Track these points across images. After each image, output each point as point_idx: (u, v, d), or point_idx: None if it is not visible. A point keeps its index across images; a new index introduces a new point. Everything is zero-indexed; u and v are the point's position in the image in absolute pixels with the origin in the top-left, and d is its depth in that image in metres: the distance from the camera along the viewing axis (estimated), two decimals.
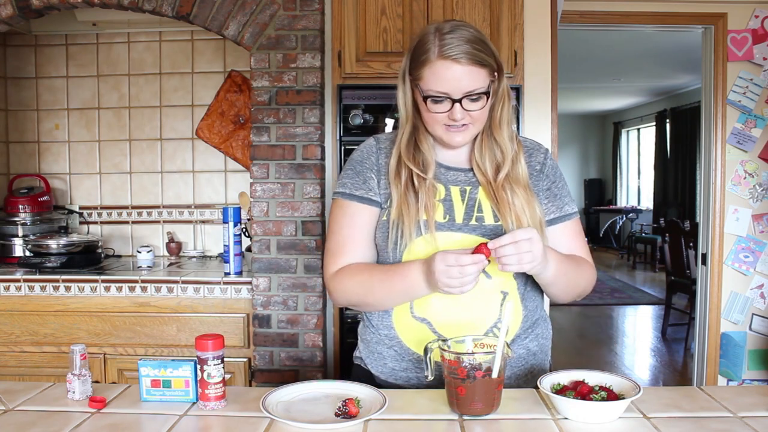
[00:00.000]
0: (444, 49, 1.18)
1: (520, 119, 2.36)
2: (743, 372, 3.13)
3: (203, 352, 1.13)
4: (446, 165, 1.32)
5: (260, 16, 2.35)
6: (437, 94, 1.20)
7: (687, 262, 4.81)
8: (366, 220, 1.31)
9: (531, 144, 1.38)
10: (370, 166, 1.33)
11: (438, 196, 1.28)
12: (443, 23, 1.23)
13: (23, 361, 2.44)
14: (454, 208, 1.27)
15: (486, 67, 1.21)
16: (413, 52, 1.24)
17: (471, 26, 1.23)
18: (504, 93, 1.28)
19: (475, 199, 1.28)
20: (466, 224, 1.25)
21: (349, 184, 1.32)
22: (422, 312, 1.26)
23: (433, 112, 1.23)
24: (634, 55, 6.47)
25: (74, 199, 3.08)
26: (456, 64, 1.18)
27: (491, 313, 1.25)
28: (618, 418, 1.07)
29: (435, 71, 1.19)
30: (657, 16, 3.11)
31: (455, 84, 1.19)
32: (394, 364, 1.29)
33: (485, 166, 1.29)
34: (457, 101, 1.20)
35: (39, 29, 3.00)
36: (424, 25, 2.29)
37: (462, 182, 1.30)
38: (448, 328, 1.23)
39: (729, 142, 3.11)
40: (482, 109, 1.23)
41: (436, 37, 1.19)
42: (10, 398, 1.20)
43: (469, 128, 1.24)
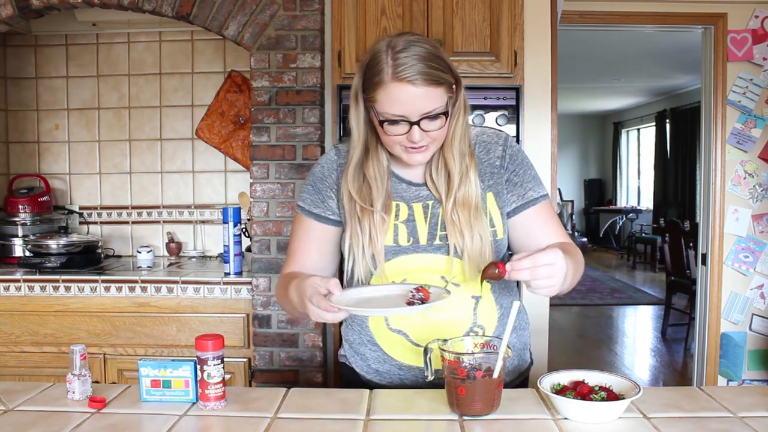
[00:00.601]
0: (398, 70, 1.12)
1: (520, 119, 2.36)
2: (743, 372, 3.13)
3: (203, 352, 1.13)
4: (408, 180, 1.30)
5: (260, 16, 2.35)
6: (393, 117, 1.16)
7: (687, 262, 4.81)
8: (322, 236, 1.32)
9: (489, 137, 1.32)
10: (330, 184, 1.31)
11: (401, 217, 1.26)
12: (396, 38, 1.17)
13: (23, 361, 2.44)
14: (417, 229, 1.26)
15: (443, 85, 1.16)
16: (365, 72, 1.18)
17: (425, 41, 1.18)
18: (461, 106, 1.24)
19: (437, 216, 1.26)
20: (430, 245, 1.25)
21: (308, 200, 1.33)
22: (397, 324, 1.27)
23: (391, 135, 1.18)
24: (634, 55, 6.47)
25: (74, 199, 3.08)
26: (411, 86, 1.12)
27: (465, 319, 1.26)
28: (618, 418, 1.07)
29: (389, 94, 1.14)
30: (657, 16, 3.11)
31: (411, 106, 1.14)
32: (378, 365, 1.30)
33: (439, 182, 1.26)
34: (415, 123, 1.15)
35: (39, 29, 3.00)
36: (424, 24, 2.29)
37: (424, 197, 1.28)
38: (425, 337, 1.25)
39: (729, 142, 3.11)
40: (442, 128, 1.19)
41: (388, 56, 1.14)
42: (10, 398, 1.20)
43: (429, 147, 1.21)
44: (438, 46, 1.21)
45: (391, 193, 1.28)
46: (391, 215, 1.26)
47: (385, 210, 1.25)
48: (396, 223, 1.26)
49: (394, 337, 1.28)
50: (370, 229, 1.23)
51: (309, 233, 1.33)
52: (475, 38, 2.30)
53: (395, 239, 1.25)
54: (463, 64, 2.30)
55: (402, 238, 1.25)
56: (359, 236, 1.24)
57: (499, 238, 1.27)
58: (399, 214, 1.26)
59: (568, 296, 6.99)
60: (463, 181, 1.24)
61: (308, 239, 1.33)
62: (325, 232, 1.32)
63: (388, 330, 1.28)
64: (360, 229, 1.24)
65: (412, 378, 1.29)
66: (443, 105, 1.17)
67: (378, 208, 1.24)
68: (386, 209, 1.25)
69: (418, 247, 1.25)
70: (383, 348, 1.30)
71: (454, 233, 1.22)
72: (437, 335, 1.23)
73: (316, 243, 1.32)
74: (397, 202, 1.28)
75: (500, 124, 2.33)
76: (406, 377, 1.29)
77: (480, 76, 2.32)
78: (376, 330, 1.30)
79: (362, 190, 1.25)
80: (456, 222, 1.22)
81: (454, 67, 1.21)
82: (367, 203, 1.24)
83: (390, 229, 1.25)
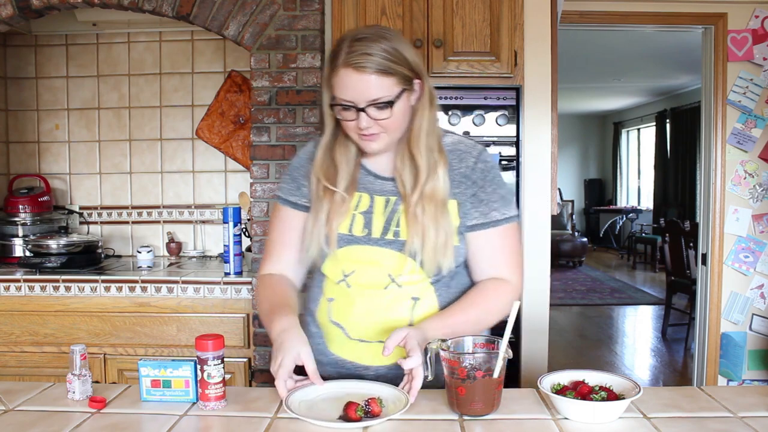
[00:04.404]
0: (349, 56, 1.16)
1: (520, 119, 2.36)
2: (743, 372, 3.13)
3: (203, 352, 1.13)
4: (375, 173, 1.32)
5: (260, 16, 2.35)
6: (343, 102, 1.19)
7: (687, 262, 4.81)
8: (298, 224, 1.35)
9: (465, 147, 1.31)
10: (304, 173, 1.35)
11: (361, 207, 1.29)
12: (362, 29, 1.23)
13: (23, 361, 2.44)
14: (373, 221, 1.28)
15: (394, 76, 1.18)
16: (329, 59, 1.22)
17: (389, 33, 1.21)
18: (426, 101, 1.25)
19: (396, 212, 1.28)
20: (382, 238, 1.27)
21: (285, 189, 1.37)
22: (337, 317, 1.31)
23: (343, 120, 1.23)
24: (634, 55, 6.47)
25: (74, 199, 3.08)
26: (359, 72, 1.16)
27: (401, 318, 1.28)
28: (618, 418, 1.07)
29: (340, 79, 1.18)
30: (657, 16, 3.11)
31: (358, 92, 1.17)
32: (320, 357, 1.32)
33: (405, 177, 1.27)
34: (362, 110, 1.18)
35: (39, 29, 3.00)
36: (424, 25, 2.29)
37: (388, 192, 1.30)
38: (361, 332, 1.28)
39: (729, 143, 3.11)
40: (391, 118, 1.20)
41: (348, 43, 1.18)
42: (10, 398, 1.20)
43: (381, 136, 1.22)
44: (403, 41, 1.23)
45: (356, 180, 1.31)
46: (351, 204, 1.28)
47: (348, 192, 1.28)
48: (354, 212, 1.28)
49: (333, 329, 1.31)
50: (329, 208, 1.27)
51: (285, 223, 1.36)
52: (475, 38, 2.30)
53: (350, 228, 1.28)
54: (463, 64, 2.31)
55: (357, 227, 1.28)
56: (318, 214, 1.28)
57: (456, 245, 1.28)
58: (359, 205, 1.29)
59: (568, 296, 6.99)
60: (431, 176, 1.25)
61: (285, 228, 1.36)
62: (300, 219, 1.34)
63: (329, 322, 1.32)
64: (320, 207, 1.28)
65: (346, 373, 1.31)
66: (392, 95, 1.19)
67: (340, 188, 1.27)
68: (349, 192, 1.28)
69: (370, 239, 1.27)
70: (325, 339, 1.33)
71: (416, 229, 1.23)
72: (373, 332, 1.27)
73: (294, 232, 1.35)
74: (361, 192, 1.30)
75: (500, 124, 2.34)
76: (341, 371, 1.31)
77: (480, 76, 2.32)
78: (321, 319, 1.34)
79: (328, 172, 1.29)
80: (419, 216, 1.23)
81: (418, 64, 1.23)
82: (331, 183, 1.28)
83: (348, 216, 1.28)
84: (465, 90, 2.34)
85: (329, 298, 1.33)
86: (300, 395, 1.16)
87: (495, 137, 2.35)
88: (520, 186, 2.39)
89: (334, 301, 1.32)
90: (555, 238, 8.20)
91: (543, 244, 2.46)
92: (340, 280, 1.30)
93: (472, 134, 2.34)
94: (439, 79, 2.32)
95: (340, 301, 1.31)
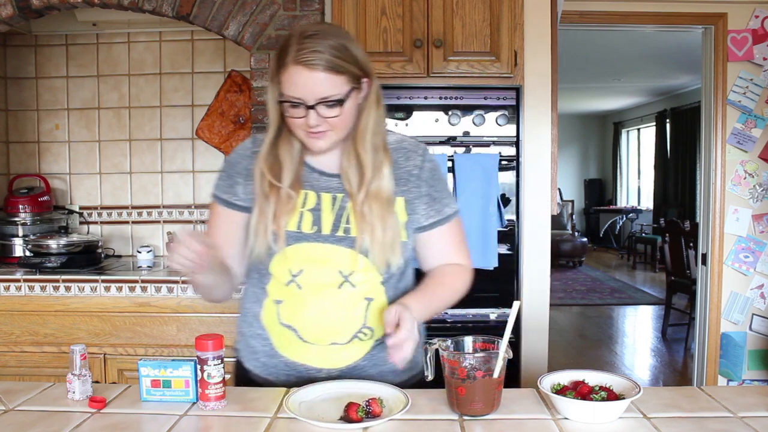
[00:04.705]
0: (299, 54, 1.16)
1: (520, 119, 2.36)
2: (743, 372, 3.13)
3: (203, 352, 1.13)
4: (320, 170, 1.31)
5: (260, 16, 2.35)
6: (292, 99, 1.19)
7: (687, 262, 4.81)
8: (231, 222, 1.34)
9: (410, 145, 1.35)
10: (240, 170, 1.33)
11: (308, 204, 1.28)
12: (310, 25, 1.23)
13: (23, 361, 2.44)
14: (322, 218, 1.27)
15: (344, 74, 1.18)
16: (277, 55, 1.22)
17: (337, 31, 1.22)
18: (373, 100, 1.27)
19: (345, 209, 1.28)
20: (332, 235, 1.27)
21: (219, 186, 1.36)
22: (288, 319, 1.29)
23: (291, 117, 1.22)
24: (634, 55, 6.47)
25: (74, 199, 3.08)
26: (309, 70, 1.16)
27: (356, 319, 1.28)
28: (618, 418, 1.07)
29: (290, 76, 1.17)
30: (657, 16, 3.11)
31: (308, 90, 1.17)
32: (266, 359, 1.32)
33: (350, 175, 1.27)
34: (311, 107, 1.18)
35: (39, 29, 3.00)
36: (424, 25, 2.29)
37: (334, 189, 1.30)
38: (314, 334, 1.27)
39: (729, 143, 3.11)
40: (340, 116, 1.21)
41: (297, 40, 1.18)
42: (10, 398, 1.20)
43: (328, 134, 1.23)
44: (352, 39, 1.24)
45: (300, 177, 1.30)
46: (298, 202, 1.28)
47: (293, 188, 1.27)
48: (302, 210, 1.28)
49: (284, 331, 1.29)
50: (275, 205, 1.26)
51: (218, 220, 1.35)
52: (475, 38, 2.30)
53: (299, 225, 1.27)
54: (463, 64, 2.30)
55: (305, 224, 1.27)
56: (264, 212, 1.27)
57: (404, 240, 1.30)
58: (306, 202, 1.29)
59: (568, 296, 6.99)
60: (377, 175, 1.26)
61: (220, 225, 1.35)
62: (233, 218, 1.33)
63: (279, 324, 1.30)
64: (266, 204, 1.27)
65: (297, 375, 1.30)
66: (342, 93, 1.19)
67: (285, 185, 1.26)
68: (294, 189, 1.27)
69: (320, 236, 1.27)
70: (273, 342, 1.32)
71: (364, 225, 1.24)
72: (327, 334, 1.27)
73: (225, 229, 1.34)
74: (306, 190, 1.30)
75: (500, 124, 2.33)
76: (292, 374, 1.31)
77: (480, 76, 2.32)
78: (267, 323, 1.32)
79: (273, 168, 1.28)
80: (367, 214, 1.24)
81: (366, 63, 1.24)
82: (276, 180, 1.27)
83: (295, 214, 1.27)
84: (465, 90, 2.34)
85: (277, 300, 1.30)
86: (300, 395, 1.16)
87: (495, 137, 2.35)
88: (520, 186, 2.39)
89: (283, 303, 1.30)
90: (555, 238, 8.19)
91: (543, 244, 2.46)
92: (289, 280, 1.28)
93: (472, 134, 2.35)
94: (439, 79, 2.32)
95: (290, 302, 1.29)
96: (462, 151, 2.34)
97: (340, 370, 1.29)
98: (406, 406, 1.09)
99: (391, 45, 2.31)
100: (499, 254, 2.31)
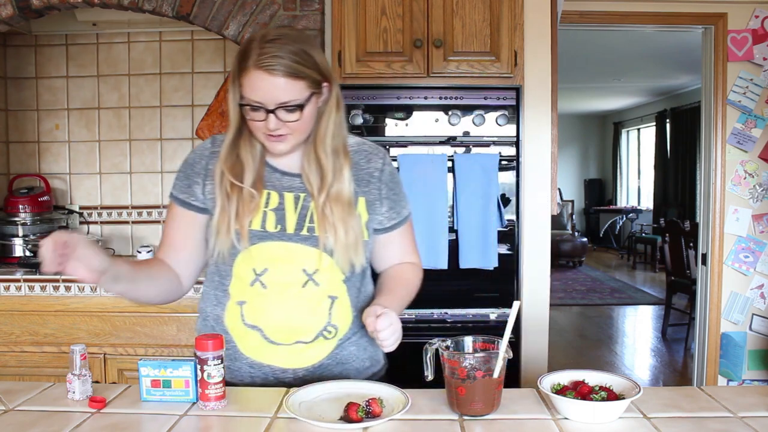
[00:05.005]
0: (260, 59, 1.16)
1: (520, 119, 2.36)
2: (743, 372, 3.13)
3: (203, 352, 1.13)
4: (281, 170, 1.32)
5: (260, 16, 2.35)
6: (252, 103, 1.20)
7: (687, 262, 4.81)
8: (187, 223, 1.33)
9: (370, 148, 1.37)
10: (198, 170, 1.33)
11: (271, 204, 1.29)
12: (272, 30, 1.23)
13: (23, 361, 2.44)
14: (286, 217, 1.28)
15: (304, 79, 1.19)
16: (238, 58, 1.22)
17: (298, 36, 1.23)
18: (333, 104, 1.28)
19: (308, 208, 1.29)
20: (297, 234, 1.27)
21: (177, 186, 1.36)
22: (252, 320, 1.29)
23: (251, 120, 1.23)
24: (634, 55, 6.47)
25: (74, 199, 3.08)
26: (269, 75, 1.17)
27: (320, 318, 1.29)
28: (618, 418, 1.07)
29: (250, 80, 1.18)
30: (657, 16, 3.11)
31: (269, 95, 1.18)
32: (229, 362, 1.31)
33: (311, 178, 1.29)
34: (271, 111, 1.19)
35: (39, 29, 3.00)
36: (424, 25, 2.29)
37: (297, 188, 1.31)
38: (279, 333, 1.28)
39: (729, 143, 3.11)
40: (300, 120, 1.22)
41: (258, 44, 1.18)
42: (10, 398, 1.20)
43: (288, 138, 1.24)
44: (313, 44, 1.26)
45: (263, 178, 1.31)
46: (261, 201, 1.28)
47: (255, 188, 1.28)
48: (265, 209, 1.28)
49: (248, 332, 1.30)
50: (237, 204, 1.26)
51: (175, 221, 1.35)
52: (475, 38, 2.30)
53: (263, 224, 1.28)
54: (463, 64, 2.31)
55: (270, 224, 1.28)
56: (227, 211, 1.27)
57: (365, 239, 1.32)
58: (269, 202, 1.29)
59: (568, 296, 6.99)
60: (337, 178, 1.28)
61: (174, 226, 1.35)
62: (191, 218, 1.33)
63: (243, 325, 1.30)
64: (228, 204, 1.27)
65: (263, 377, 1.31)
66: (302, 98, 1.20)
67: (247, 184, 1.26)
68: (256, 188, 1.28)
69: (284, 235, 1.27)
70: (236, 343, 1.32)
71: (326, 227, 1.26)
72: (292, 333, 1.27)
73: (182, 230, 1.34)
74: (268, 190, 1.30)
75: (500, 124, 2.34)
76: (257, 375, 1.31)
77: (480, 76, 2.32)
78: (231, 325, 1.32)
79: (234, 168, 1.28)
80: (328, 216, 1.26)
81: (327, 68, 1.26)
82: (237, 179, 1.27)
83: (259, 214, 1.28)
84: (465, 90, 2.34)
85: (240, 301, 1.30)
86: (300, 395, 1.16)
87: (495, 137, 2.35)
88: (520, 186, 2.39)
89: (246, 303, 1.30)
90: (555, 238, 8.20)
91: (543, 244, 2.46)
92: (253, 280, 1.28)
93: (472, 134, 2.35)
94: (439, 79, 2.32)
95: (254, 302, 1.29)
96: (462, 151, 2.34)
97: (305, 370, 1.30)
98: (406, 406, 1.09)
99: (391, 45, 2.31)
100: (499, 254, 2.31)
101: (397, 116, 2.34)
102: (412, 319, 2.35)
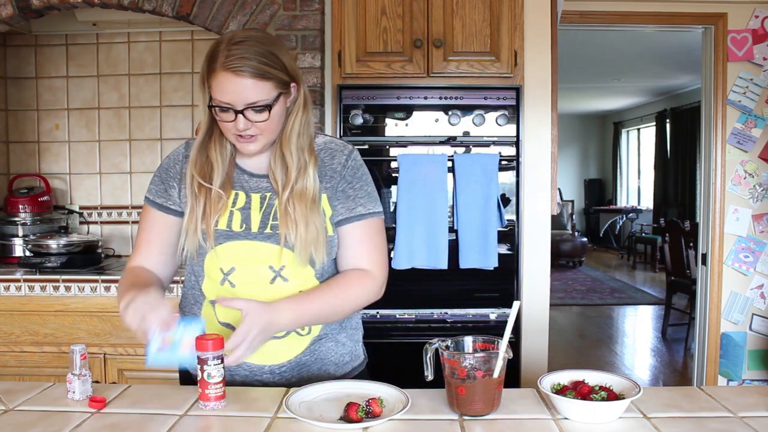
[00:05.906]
0: (227, 60, 1.18)
1: (520, 119, 2.36)
2: (743, 372, 3.13)
3: (203, 352, 1.13)
4: (250, 171, 1.34)
5: (260, 16, 2.35)
6: (221, 104, 1.21)
7: (687, 262, 4.81)
8: (163, 227, 1.35)
9: (336, 146, 1.37)
10: (174, 174, 1.35)
11: (238, 204, 1.31)
12: (239, 32, 1.24)
13: (23, 361, 2.44)
14: (251, 216, 1.30)
15: (271, 80, 1.21)
16: (206, 60, 1.23)
17: (265, 38, 1.24)
18: (300, 103, 1.29)
19: (272, 206, 1.30)
20: (261, 232, 1.29)
21: (153, 190, 1.37)
22: (225, 318, 1.31)
23: (221, 121, 1.24)
24: (634, 55, 6.47)
25: (74, 199, 3.08)
26: (237, 76, 1.18)
27: None
28: (618, 418, 1.08)
29: (219, 82, 1.19)
30: (657, 16, 3.11)
31: (237, 96, 1.19)
32: None
33: (277, 175, 1.30)
34: (240, 112, 1.21)
35: (39, 29, 3.00)
36: (424, 25, 2.30)
37: (263, 189, 1.33)
38: None
39: (729, 142, 3.11)
40: (268, 120, 1.23)
41: (225, 47, 1.20)
42: (10, 398, 1.20)
43: (258, 138, 1.26)
44: (280, 45, 1.27)
45: (232, 178, 1.33)
46: (228, 201, 1.30)
47: (224, 189, 1.29)
48: (232, 209, 1.30)
49: (223, 330, 1.30)
50: (205, 204, 1.28)
51: (151, 224, 1.36)
52: (475, 38, 2.30)
53: (229, 224, 1.29)
54: (463, 64, 2.31)
55: (235, 223, 1.29)
56: (194, 211, 1.29)
57: (330, 235, 1.32)
58: (237, 202, 1.31)
59: (568, 296, 6.99)
60: (301, 175, 1.29)
61: (151, 230, 1.36)
62: (167, 222, 1.35)
63: (218, 324, 1.32)
64: (196, 204, 1.29)
65: (242, 375, 1.31)
66: (270, 99, 1.22)
67: (216, 185, 1.29)
68: (225, 189, 1.30)
69: (249, 234, 1.29)
70: None
71: (288, 223, 1.27)
72: None
73: (159, 234, 1.36)
74: (237, 190, 1.32)
75: (500, 124, 2.34)
76: (237, 373, 1.31)
77: (480, 76, 2.32)
78: (207, 324, 1.32)
79: (203, 169, 1.30)
80: (291, 212, 1.27)
81: (293, 67, 1.27)
82: (206, 181, 1.29)
83: (225, 213, 1.29)
84: (465, 90, 2.34)
85: (213, 300, 1.32)
86: (300, 395, 1.16)
87: (495, 137, 2.35)
88: (520, 186, 2.39)
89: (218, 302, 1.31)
90: (555, 238, 8.20)
91: (543, 244, 2.46)
92: (222, 279, 1.30)
93: (472, 134, 2.35)
94: (438, 79, 2.32)
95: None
96: (462, 151, 2.34)
97: (281, 366, 1.31)
98: (406, 406, 1.09)
99: (391, 45, 2.31)
100: (499, 254, 2.31)
101: (397, 116, 2.34)
102: (413, 319, 2.36)
